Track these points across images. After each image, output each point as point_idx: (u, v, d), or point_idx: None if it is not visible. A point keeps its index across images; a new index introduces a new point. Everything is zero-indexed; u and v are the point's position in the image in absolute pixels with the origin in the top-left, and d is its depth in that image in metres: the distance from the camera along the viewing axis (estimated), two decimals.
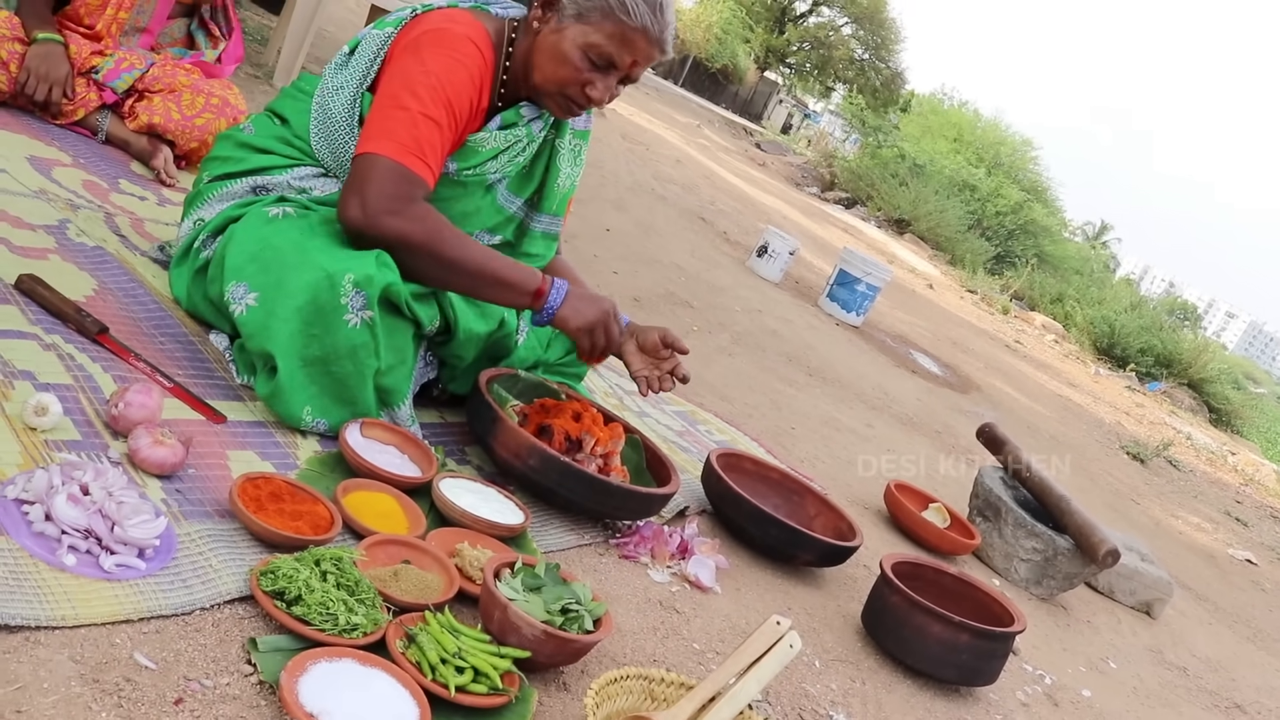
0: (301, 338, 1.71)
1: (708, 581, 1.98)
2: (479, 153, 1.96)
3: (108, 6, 2.76)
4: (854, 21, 36.11)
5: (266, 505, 1.45)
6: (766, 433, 3.20)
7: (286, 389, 1.71)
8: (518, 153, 2.03)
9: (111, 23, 2.78)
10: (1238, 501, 7.54)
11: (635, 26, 1.86)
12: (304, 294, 1.69)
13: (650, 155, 9.95)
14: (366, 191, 1.73)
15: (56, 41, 2.61)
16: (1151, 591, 3.39)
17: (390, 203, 1.73)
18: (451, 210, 1.98)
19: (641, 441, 2.18)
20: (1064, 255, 25.56)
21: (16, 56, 2.56)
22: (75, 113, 2.68)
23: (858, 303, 6.49)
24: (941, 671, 2.02)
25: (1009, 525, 3.00)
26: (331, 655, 1.23)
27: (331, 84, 1.97)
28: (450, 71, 1.83)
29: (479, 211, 2.04)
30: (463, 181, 1.98)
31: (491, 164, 1.99)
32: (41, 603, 1.11)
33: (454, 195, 1.99)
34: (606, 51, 1.87)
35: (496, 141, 1.97)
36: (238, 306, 1.74)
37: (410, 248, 1.76)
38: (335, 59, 2.02)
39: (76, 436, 1.42)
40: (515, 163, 2.04)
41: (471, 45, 1.87)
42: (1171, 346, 13.80)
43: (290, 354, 1.71)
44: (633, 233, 5.61)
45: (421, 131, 1.78)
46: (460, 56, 1.85)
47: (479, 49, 1.88)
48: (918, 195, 18.31)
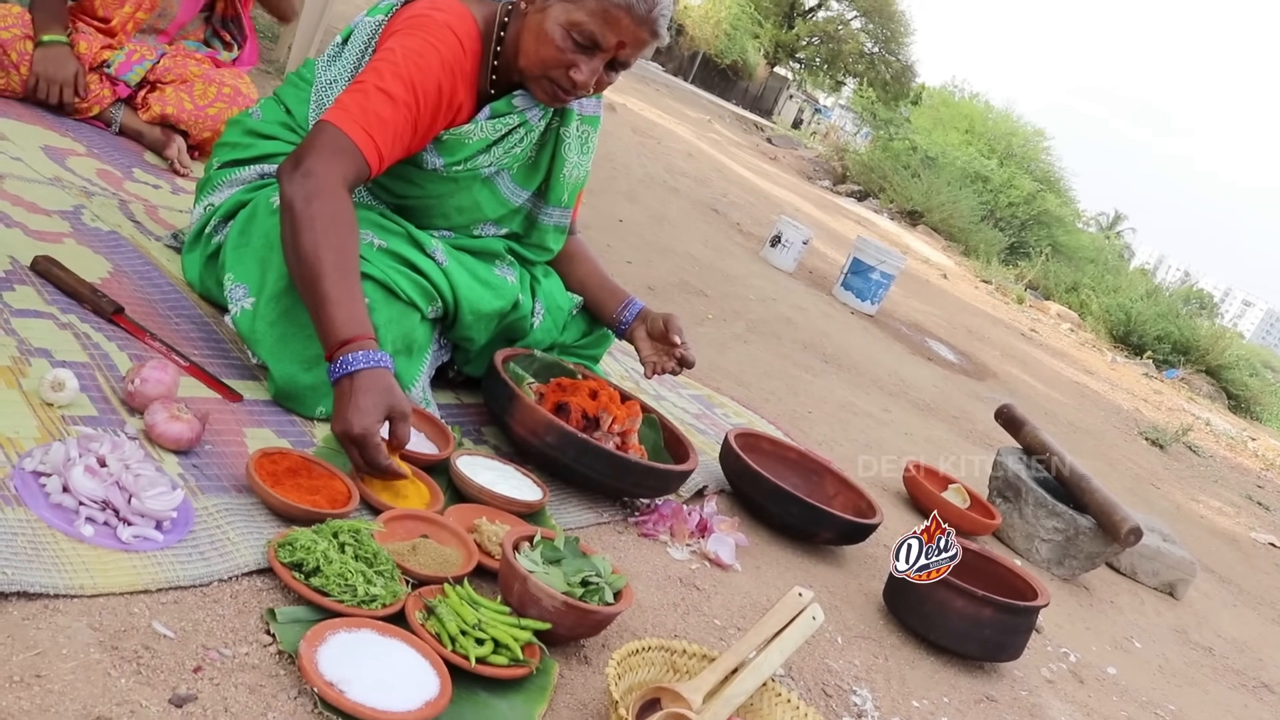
0: (299, 339, 1.70)
1: (727, 559, 1.97)
2: (466, 145, 1.90)
3: (126, 3, 2.77)
4: (863, 15, 36.01)
5: (284, 480, 1.44)
6: (783, 416, 3.18)
7: (293, 394, 1.71)
8: (515, 143, 1.97)
9: (129, 20, 2.78)
10: (1259, 486, 7.47)
11: (619, 3, 1.77)
12: (295, 295, 1.68)
13: (661, 149, 9.92)
14: (301, 151, 1.65)
15: (61, 43, 2.59)
16: (1174, 572, 3.35)
17: (310, 164, 1.62)
18: (446, 205, 1.96)
19: (659, 421, 2.17)
20: (1078, 245, 25.42)
21: (27, 57, 2.55)
22: (90, 109, 2.68)
23: (872, 291, 6.46)
24: (965, 647, 2.00)
25: (1030, 505, 2.97)
26: (350, 625, 1.22)
27: (325, 78, 1.96)
28: (419, 54, 1.78)
29: (478, 205, 2.00)
30: (453, 177, 1.93)
31: (483, 157, 1.93)
32: (60, 572, 1.10)
33: (446, 192, 1.95)
34: (589, 29, 1.79)
35: (485, 132, 1.91)
36: (234, 308, 1.74)
37: (287, 215, 1.60)
38: (328, 50, 2.00)
39: (93, 412, 1.42)
40: (513, 154, 1.98)
41: (449, 32, 1.82)
42: (1189, 333, 13.69)
43: (289, 359, 1.70)
44: (646, 223, 5.60)
45: (371, 103, 1.71)
46: (434, 41, 1.80)
47: (458, 37, 1.83)
48: (930, 187, 18.23)
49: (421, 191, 1.94)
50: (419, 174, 1.92)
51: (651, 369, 2.12)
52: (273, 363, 1.70)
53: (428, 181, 1.93)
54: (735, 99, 34.23)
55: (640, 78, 18.01)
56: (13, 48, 2.54)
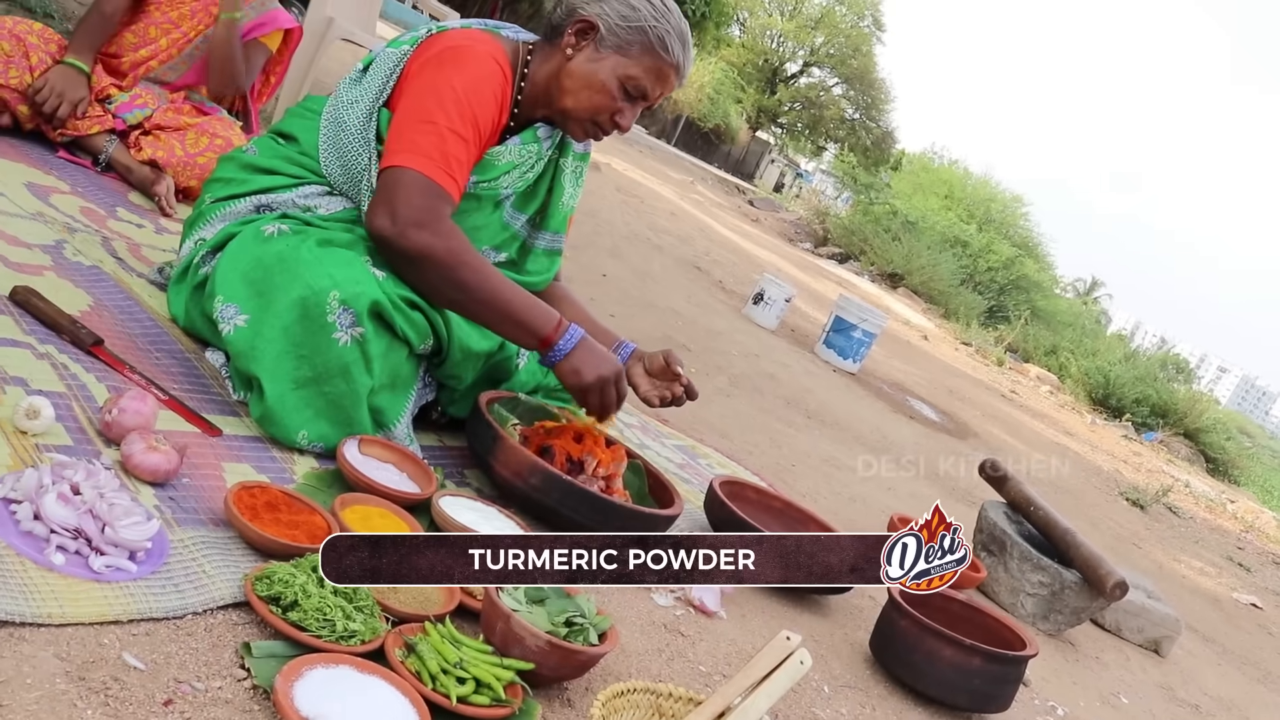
0: (291, 359, 1.68)
1: (712, 606, 1.93)
2: (496, 165, 1.97)
3: (142, 48, 2.81)
4: (844, 82, 36.69)
5: (262, 514, 1.41)
6: (767, 468, 3.16)
7: (278, 413, 1.68)
8: (527, 169, 2.04)
9: (140, 65, 2.83)
10: (1239, 548, 7.47)
11: (671, 63, 1.94)
12: (290, 313, 1.68)
13: (645, 208, 9.99)
14: (396, 203, 1.73)
15: (82, 70, 2.65)
16: (1159, 629, 3.33)
17: (419, 214, 1.74)
18: (464, 224, 1.96)
19: (643, 466, 2.15)
20: (1056, 310, 25.64)
21: (44, 66, 2.60)
22: (89, 129, 2.69)
23: (854, 349, 6.47)
24: (954, 698, 1.96)
25: (1014, 559, 2.95)
26: (328, 661, 1.19)
27: (346, 98, 1.97)
28: (476, 89, 1.85)
29: (487, 227, 2.04)
30: (478, 195, 1.98)
31: (505, 179, 2.00)
32: (27, 600, 1.07)
33: (468, 208, 1.98)
34: (643, 85, 1.93)
35: (512, 156, 1.99)
36: (226, 326, 1.72)
37: (434, 263, 1.75)
38: (349, 75, 2.01)
39: (68, 442, 1.39)
40: (526, 179, 2.05)
41: (495, 64, 1.90)
42: (1167, 397, 13.78)
43: (280, 377, 1.68)
44: (629, 279, 5.61)
45: (449, 147, 1.79)
46: (486, 74, 1.87)
47: (501, 69, 1.91)
48: (910, 250, 18.39)
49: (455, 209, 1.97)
50: None
51: (659, 399, 2.10)
52: (267, 378, 1.68)
53: None
54: (718, 162, 34.63)
55: (624, 139, 18.20)
56: (35, 51, 2.59)
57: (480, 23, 2.03)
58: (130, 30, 2.85)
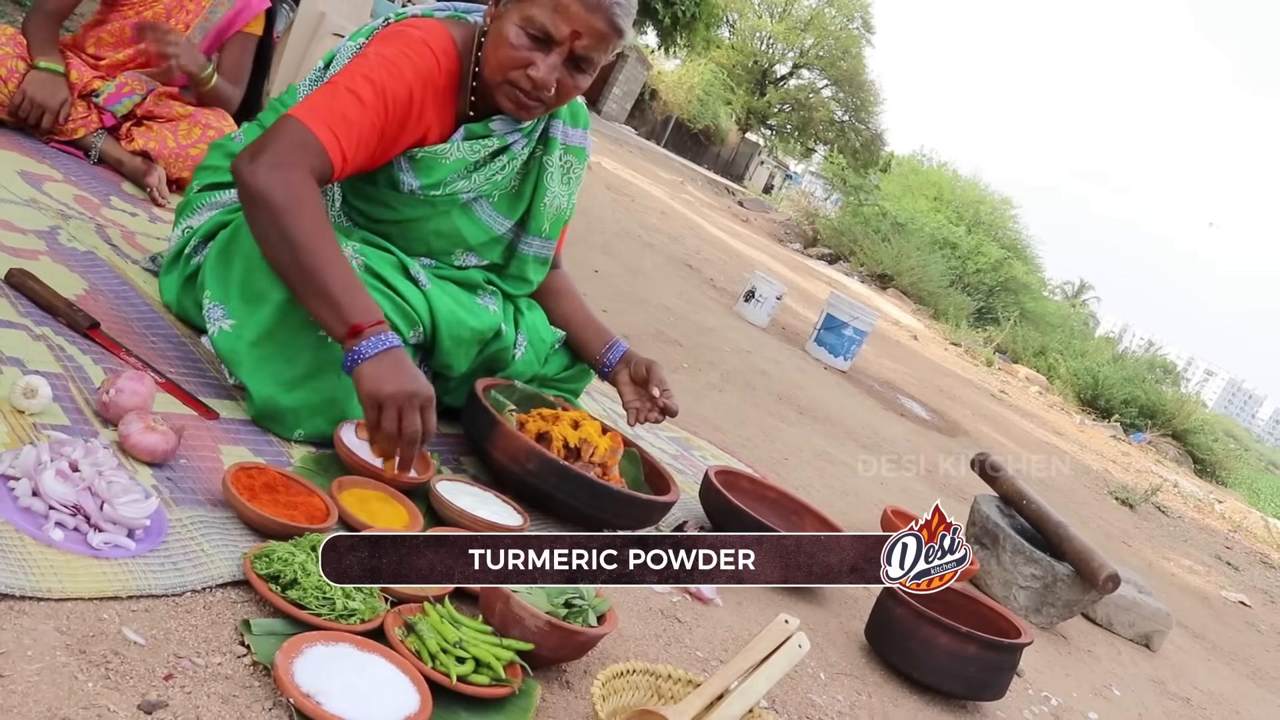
0: (279, 362, 1.68)
1: (709, 593, 1.93)
2: (442, 165, 1.87)
3: (120, 50, 2.77)
4: (834, 84, 36.75)
5: (260, 495, 1.40)
6: (760, 462, 3.16)
7: (272, 416, 1.68)
8: (497, 170, 1.95)
9: (121, 67, 2.78)
10: (1227, 547, 7.51)
11: None
12: (275, 316, 1.67)
13: (636, 206, 9.99)
14: (263, 142, 1.62)
15: (58, 71, 2.58)
16: (1150, 623, 3.34)
17: (278, 157, 1.59)
18: (424, 230, 1.93)
19: (640, 455, 2.15)
20: (1044, 312, 25.74)
21: (17, 75, 2.54)
22: (76, 131, 2.66)
23: (845, 347, 6.49)
24: (949, 684, 1.97)
25: (1007, 552, 2.96)
26: (328, 639, 1.18)
27: (307, 92, 1.94)
28: (392, 62, 1.75)
29: (458, 231, 1.97)
30: (429, 200, 1.90)
31: (462, 182, 1.91)
32: (26, 573, 1.06)
33: (423, 215, 1.92)
34: (540, 22, 1.74)
35: (462, 153, 1.88)
36: (213, 327, 1.71)
37: (269, 207, 1.56)
38: (310, 74, 1.99)
39: (65, 422, 1.38)
40: (495, 181, 1.96)
41: (425, 47, 1.80)
42: (1155, 398, 13.85)
43: (269, 381, 1.67)
44: (621, 275, 5.61)
45: (340, 104, 1.67)
46: (409, 51, 1.78)
47: (433, 52, 1.81)
48: (900, 251, 18.44)
49: (398, 215, 1.92)
50: (395, 196, 1.89)
51: (635, 416, 2.08)
52: (252, 384, 1.66)
53: (404, 205, 1.90)
54: (707, 163, 34.64)
55: (614, 139, 18.20)
56: (2, 64, 2.52)
57: (449, 7, 1.95)
58: (106, 30, 2.80)
